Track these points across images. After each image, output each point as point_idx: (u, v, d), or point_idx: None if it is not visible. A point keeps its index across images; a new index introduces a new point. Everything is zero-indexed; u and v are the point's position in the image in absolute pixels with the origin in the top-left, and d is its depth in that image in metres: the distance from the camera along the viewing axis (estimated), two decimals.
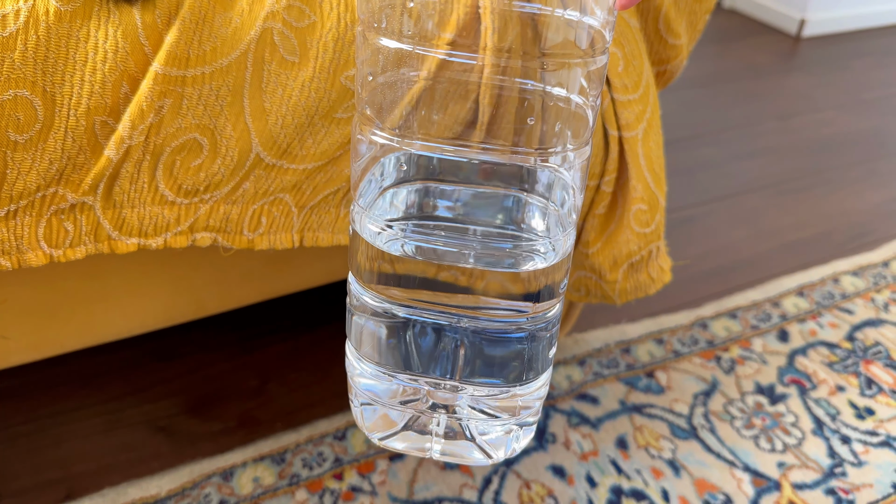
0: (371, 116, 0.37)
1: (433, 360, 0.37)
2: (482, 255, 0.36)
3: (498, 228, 0.37)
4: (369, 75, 0.37)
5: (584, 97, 0.37)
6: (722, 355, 0.84)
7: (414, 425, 0.39)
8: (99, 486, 0.65)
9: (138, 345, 0.80)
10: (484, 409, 0.38)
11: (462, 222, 0.37)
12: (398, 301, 0.36)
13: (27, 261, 0.43)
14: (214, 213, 0.47)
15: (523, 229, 0.37)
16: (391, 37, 0.35)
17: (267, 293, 0.64)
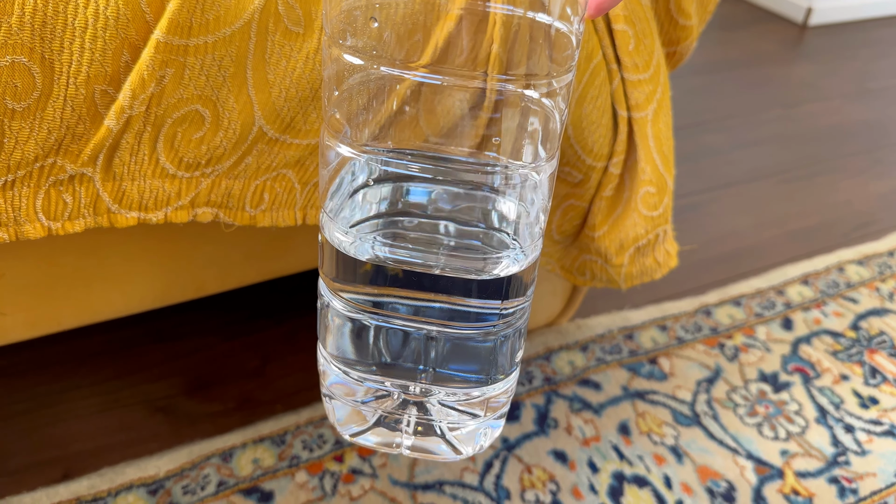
0: (338, 126, 0.36)
1: (402, 361, 0.37)
2: (451, 261, 0.36)
3: (467, 230, 0.37)
4: (335, 90, 0.36)
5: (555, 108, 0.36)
6: (725, 343, 0.83)
7: (384, 422, 0.39)
8: (97, 465, 0.64)
9: (137, 325, 0.79)
10: (453, 407, 0.38)
11: (431, 227, 0.37)
12: (365, 307, 0.37)
13: (25, 233, 0.42)
14: (216, 188, 0.46)
15: (492, 235, 0.37)
16: (355, 54, 0.34)
17: (267, 273, 0.63)
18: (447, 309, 0.36)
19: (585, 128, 0.55)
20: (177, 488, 0.62)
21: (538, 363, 0.78)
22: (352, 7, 0.33)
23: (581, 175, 0.58)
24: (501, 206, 0.37)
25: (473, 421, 0.39)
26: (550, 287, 0.78)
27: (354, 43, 0.34)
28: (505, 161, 0.37)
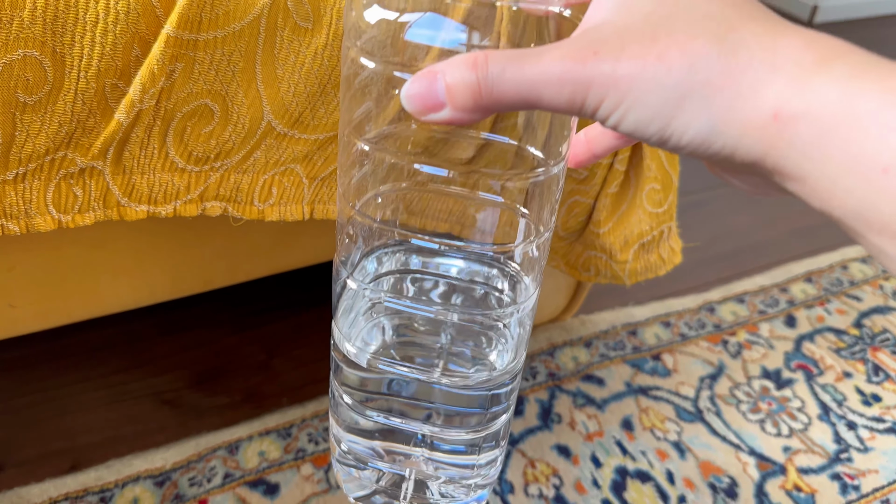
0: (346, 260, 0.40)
1: (404, 435, 0.42)
2: (443, 376, 0.41)
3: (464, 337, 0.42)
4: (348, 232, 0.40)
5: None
6: (729, 339, 0.84)
7: (385, 487, 0.43)
8: (104, 457, 0.65)
9: (144, 318, 0.80)
10: (446, 472, 0.43)
11: (431, 337, 0.41)
12: (373, 405, 0.42)
13: (35, 226, 0.42)
14: (225, 182, 0.47)
15: (485, 349, 0.42)
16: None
17: (274, 268, 0.63)
18: (440, 410, 0.41)
19: None
20: (183, 480, 0.63)
21: (542, 359, 0.79)
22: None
23: (586, 172, 0.58)
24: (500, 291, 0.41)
25: (464, 485, 0.44)
26: (555, 283, 0.79)
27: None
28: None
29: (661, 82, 0.24)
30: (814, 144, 0.23)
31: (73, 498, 0.61)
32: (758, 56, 0.24)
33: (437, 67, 0.26)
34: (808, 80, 0.23)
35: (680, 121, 0.24)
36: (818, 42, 0.24)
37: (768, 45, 0.24)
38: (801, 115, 0.23)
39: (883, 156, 0.21)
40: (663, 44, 0.24)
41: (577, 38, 0.25)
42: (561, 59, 0.25)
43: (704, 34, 0.24)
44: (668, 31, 0.24)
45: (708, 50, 0.24)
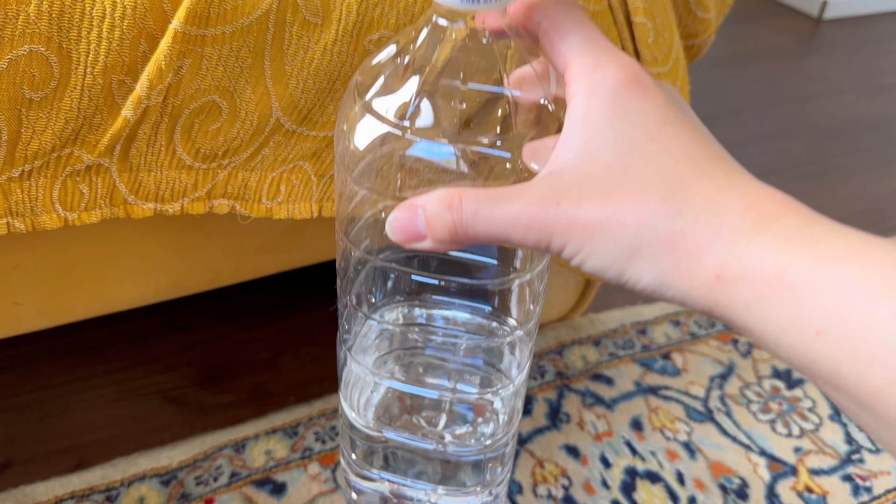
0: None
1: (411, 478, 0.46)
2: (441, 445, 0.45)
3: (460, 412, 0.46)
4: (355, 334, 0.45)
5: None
6: (739, 338, 0.83)
7: None
8: (110, 455, 0.65)
9: (148, 315, 0.79)
10: None
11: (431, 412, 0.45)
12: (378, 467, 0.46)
13: (41, 223, 0.42)
14: (233, 180, 0.46)
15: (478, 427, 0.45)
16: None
17: (282, 265, 0.63)
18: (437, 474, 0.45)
19: None
20: (189, 479, 0.62)
21: (550, 357, 0.78)
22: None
23: None
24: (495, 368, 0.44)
25: None
26: (563, 282, 0.78)
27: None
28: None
29: (615, 237, 0.26)
30: (753, 305, 0.25)
31: (79, 497, 0.61)
32: (702, 219, 0.26)
33: (419, 202, 0.29)
34: (745, 246, 0.25)
35: (633, 271, 0.27)
36: (759, 204, 0.26)
37: (712, 208, 0.26)
38: (740, 279, 0.25)
39: (814, 321, 0.23)
40: (617, 200, 0.26)
41: (543, 184, 0.28)
42: (527, 206, 0.27)
43: (655, 193, 0.26)
44: (623, 186, 0.27)
45: (657, 210, 0.26)
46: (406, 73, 0.32)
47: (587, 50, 0.29)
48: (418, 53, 0.31)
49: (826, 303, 0.23)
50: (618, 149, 0.27)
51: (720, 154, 0.28)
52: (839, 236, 0.25)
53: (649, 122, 0.28)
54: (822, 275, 0.23)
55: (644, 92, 0.28)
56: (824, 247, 0.24)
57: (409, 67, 0.32)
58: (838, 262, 0.24)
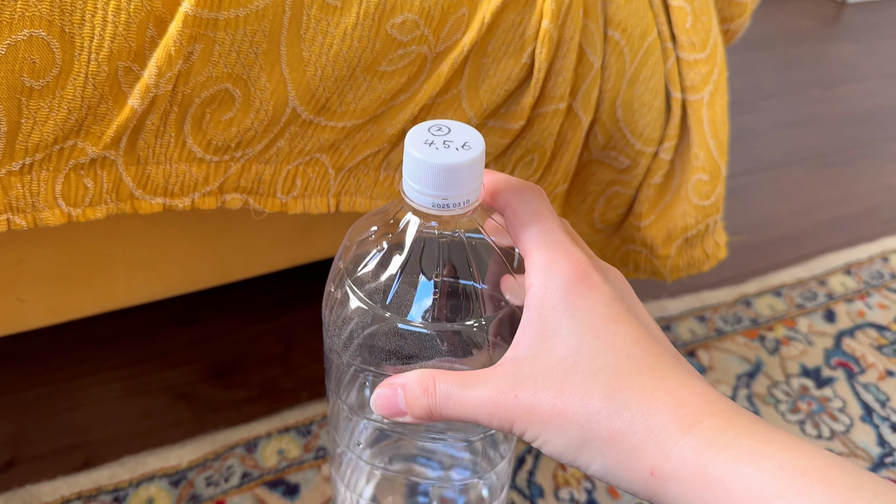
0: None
1: None
2: None
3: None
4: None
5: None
6: (766, 335, 0.80)
7: None
8: (118, 453, 0.63)
9: (158, 308, 0.77)
10: None
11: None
12: None
13: (44, 220, 0.39)
14: (246, 173, 0.43)
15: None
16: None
17: (295, 259, 0.60)
18: None
19: (636, 110, 0.51)
20: (200, 479, 0.60)
21: None
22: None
23: (629, 160, 0.54)
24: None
25: None
26: None
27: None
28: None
29: (566, 429, 0.30)
30: (682, 499, 0.28)
31: (87, 497, 0.59)
32: (637, 420, 0.29)
33: (399, 382, 0.33)
34: (672, 447, 0.28)
35: (582, 459, 0.30)
36: (686, 406, 0.29)
37: (645, 409, 0.29)
38: (669, 476, 0.28)
39: None
40: (566, 395, 0.30)
41: (505, 372, 0.32)
42: (491, 394, 0.31)
43: (598, 391, 0.30)
44: (572, 383, 0.30)
45: (599, 409, 0.29)
46: (386, 260, 0.35)
47: (542, 243, 0.33)
48: (395, 242, 0.35)
49: (736, 499, 0.27)
50: (567, 343, 0.31)
51: (658, 350, 0.31)
52: (754, 436, 0.28)
53: (595, 319, 0.31)
54: (734, 473, 0.27)
55: (591, 289, 0.31)
56: (739, 447, 0.28)
57: (389, 253, 0.35)
58: (747, 463, 0.27)
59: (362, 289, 0.36)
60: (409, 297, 0.35)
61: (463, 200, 0.33)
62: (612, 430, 0.29)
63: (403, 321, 0.35)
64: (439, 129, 0.33)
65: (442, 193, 0.32)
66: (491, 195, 0.35)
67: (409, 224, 0.35)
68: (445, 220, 0.35)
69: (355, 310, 0.36)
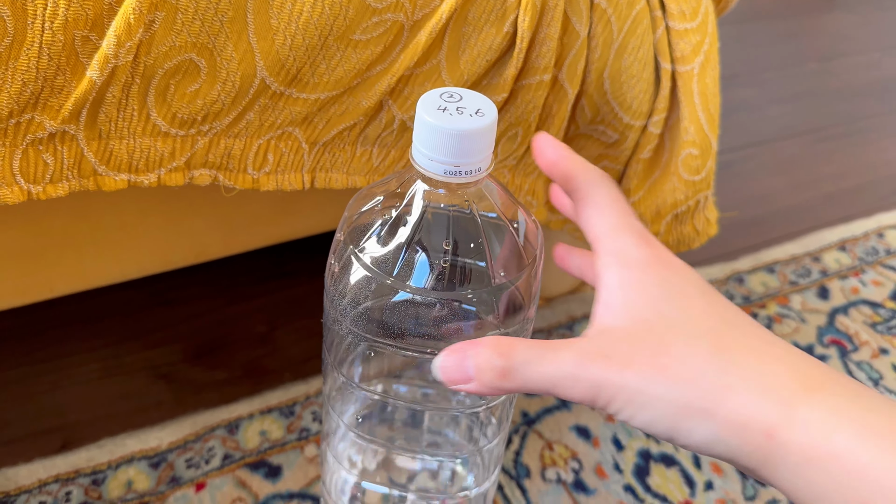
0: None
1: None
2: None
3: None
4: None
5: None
6: (759, 312, 0.79)
7: None
8: (96, 435, 0.61)
9: (138, 287, 0.75)
10: None
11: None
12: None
13: (2, 197, 0.38)
14: (214, 148, 0.41)
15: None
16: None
17: (273, 238, 0.59)
18: None
19: (624, 82, 0.49)
20: (180, 461, 0.59)
21: (561, 332, 0.74)
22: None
23: (617, 135, 0.53)
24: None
25: None
26: None
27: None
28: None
29: (665, 396, 0.27)
30: (800, 467, 0.25)
31: (64, 480, 0.58)
32: (750, 377, 0.27)
33: (467, 348, 0.31)
34: (794, 410, 0.26)
35: (684, 427, 0.27)
36: (803, 371, 0.27)
37: (758, 368, 0.27)
38: (789, 441, 0.26)
39: (860, 491, 0.24)
40: (665, 359, 0.28)
41: (591, 341, 0.30)
42: (576, 362, 0.29)
43: (701, 350, 0.28)
44: (669, 344, 0.28)
45: (704, 367, 0.27)
46: (393, 228, 0.35)
47: (622, 227, 0.32)
48: (404, 212, 0.35)
49: (873, 475, 0.24)
50: (660, 310, 0.29)
51: (755, 325, 0.30)
52: (883, 408, 0.26)
53: (686, 289, 0.30)
54: (868, 447, 0.24)
55: (676, 268, 0.31)
56: (870, 419, 0.25)
57: (396, 223, 0.35)
58: (884, 436, 0.25)
59: (368, 258, 0.35)
60: (416, 266, 0.34)
61: (475, 168, 0.33)
62: (721, 387, 0.27)
63: (410, 290, 0.34)
64: (451, 96, 0.33)
65: (454, 160, 0.32)
66: (564, 177, 0.35)
67: (417, 193, 0.35)
68: (454, 189, 0.34)
69: (360, 279, 0.36)
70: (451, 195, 0.34)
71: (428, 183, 0.34)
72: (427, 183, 0.34)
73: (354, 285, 0.36)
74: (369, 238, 0.36)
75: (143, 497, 0.57)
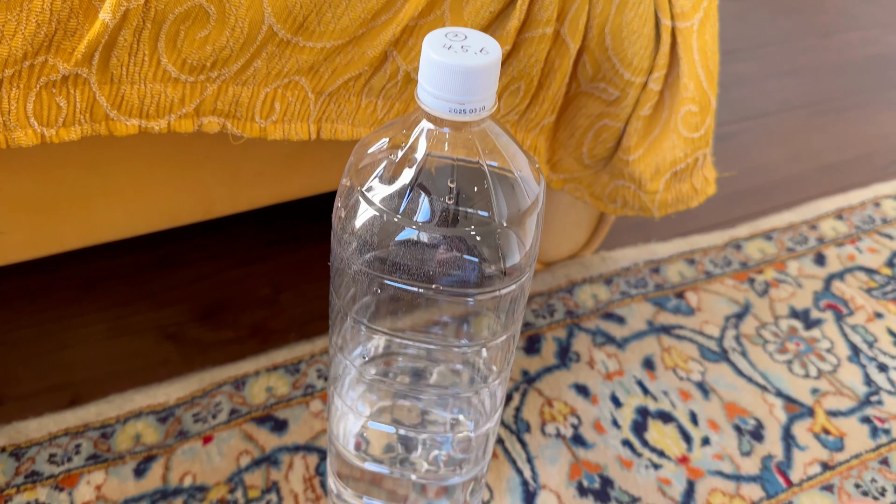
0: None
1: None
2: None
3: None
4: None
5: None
6: (756, 277, 0.80)
7: None
8: (105, 392, 0.63)
9: (145, 251, 0.76)
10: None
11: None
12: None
13: (16, 140, 0.39)
14: (223, 95, 0.42)
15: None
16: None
17: (279, 195, 0.60)
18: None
19: (625, 38, 0.50)
20: (187, 416, 0.61)
21: (560, 296, 0.75)
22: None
23: (618, 92, 0.53)
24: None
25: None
26: (575, 218, 0.75)
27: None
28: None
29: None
30: None
31: (74, 433, 0.59)
32: None
33: None
34: None
35: None
36: None
37: None
38: None
39: None
40: None
41: None
42: None
43: None
44: None
45: None
46: (399, 169, 0.36)
47: None
48: (409, 152, 0.36)
49: None
50: None
51: None
52: None
53: None
54: None
55: None
56: None
57: (402, 163, 0.36)
58: None
59: (374, 197, 0.36)
60: (421, 204, 0.36)
61: (479, 107, 0.34)
62: None
63: (416, 227, 0.36)
64: (456, 35, 0.34)
65: (459, 98, 0.33)
66: None
67: (422, 134, 0.36)
68: (459, 128, 0.35)
69: (368, 219, 0.37)
70: (455, 135, 0.35)
71: (433, 122, 0.35)
72: (432, 122, 0.35)
73: (362, 225, 0.37)
74: (375, 178, 0.37)
75: (151, 449, 0.58)
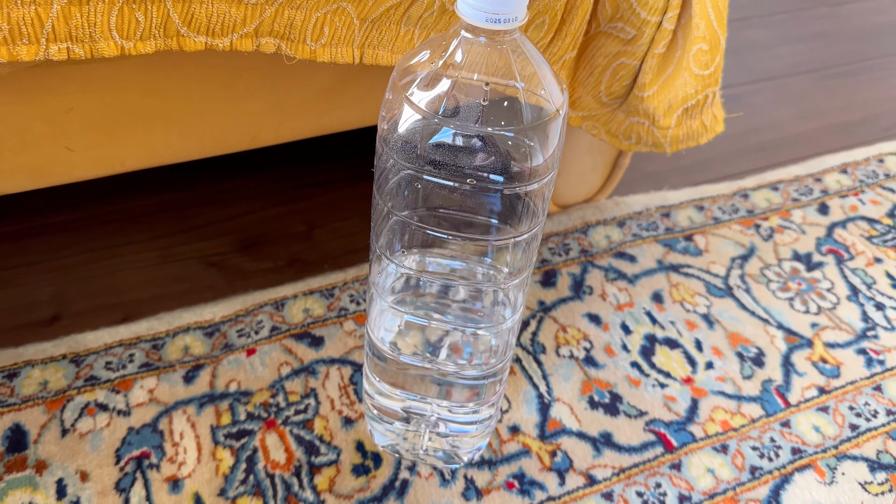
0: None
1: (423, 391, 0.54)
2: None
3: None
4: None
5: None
6: (761, 223, 0.84)
7: (408, 442, 0.57)
8: (154, 311, 0.68)
9: (188, 189, 0.81)
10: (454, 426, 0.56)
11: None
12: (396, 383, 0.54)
13: (100, 50, 0.43)
14: (279, 17, 0.47)
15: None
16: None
17: (319, 128, 0.64)
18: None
19: None
20: (232, 332, 0.66)
21: (575, 236, 0.80)
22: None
23: (634, 31, 0.58)
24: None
25: (470, 439, 0.56)
26: (591, 162, 0.79)
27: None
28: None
29: None
30: None
31: (127, 344, 0.64)
32: None
33: None
34: None
35: None
36: None
37: None
38: None
39: None
40: None
41: None
42: None
43: None
44: None
45: None
46: (438, 75, 0.40)
47: None
48: (448, 60, 0.40)
49: None
50: None
51: None
52: None
53: None
54: None
55: None
56: None
57: (441, 71, 0.40)
58: None
59: (417, 99, 0.41)
60: (460, 106, 0.40)
61: (512, 17, 0.39)
62: None
63: (454, 126, 0.40)
64: None
65: (495, 8, 0.38)
66: None
67: (460, 44, 0.40)
68: (493, 37, 0.40)
69: (410, 121, 0.41)
70: (490, 44, 0.40)
71: (470, 32, 0.40)
72: (469, 32, 0.40)
73: (404, 127, 0.42)
74: (416, 85, 0.41)
75: (199, 360, 0.64)
